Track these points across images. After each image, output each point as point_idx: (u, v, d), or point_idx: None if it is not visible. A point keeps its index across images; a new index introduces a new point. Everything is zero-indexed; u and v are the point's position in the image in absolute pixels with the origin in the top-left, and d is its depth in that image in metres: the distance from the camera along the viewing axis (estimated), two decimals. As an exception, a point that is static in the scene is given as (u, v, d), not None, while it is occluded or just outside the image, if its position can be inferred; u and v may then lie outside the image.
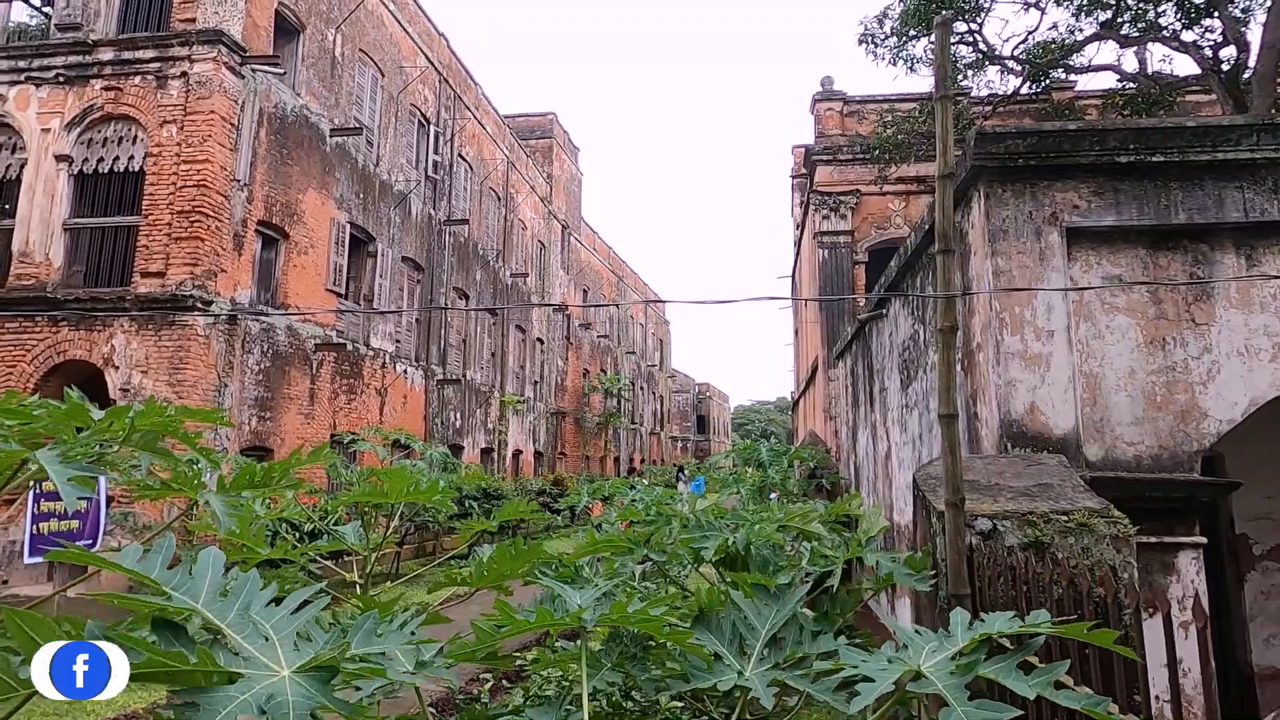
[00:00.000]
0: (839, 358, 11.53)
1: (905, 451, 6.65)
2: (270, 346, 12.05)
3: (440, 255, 18.78)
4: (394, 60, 16.55)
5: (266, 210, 12.15)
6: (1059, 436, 3.89)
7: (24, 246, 11.09)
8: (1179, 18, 10.43)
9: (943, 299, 2.87)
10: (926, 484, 3.26)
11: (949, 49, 3.10)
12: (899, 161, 12.52)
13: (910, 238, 5.92)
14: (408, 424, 16.10)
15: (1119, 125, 4.01)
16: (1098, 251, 4.04)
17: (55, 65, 11.40)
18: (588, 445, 32.48)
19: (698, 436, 62.44)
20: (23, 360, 10.61)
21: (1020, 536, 2.68)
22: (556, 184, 29.73)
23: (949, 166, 2.99)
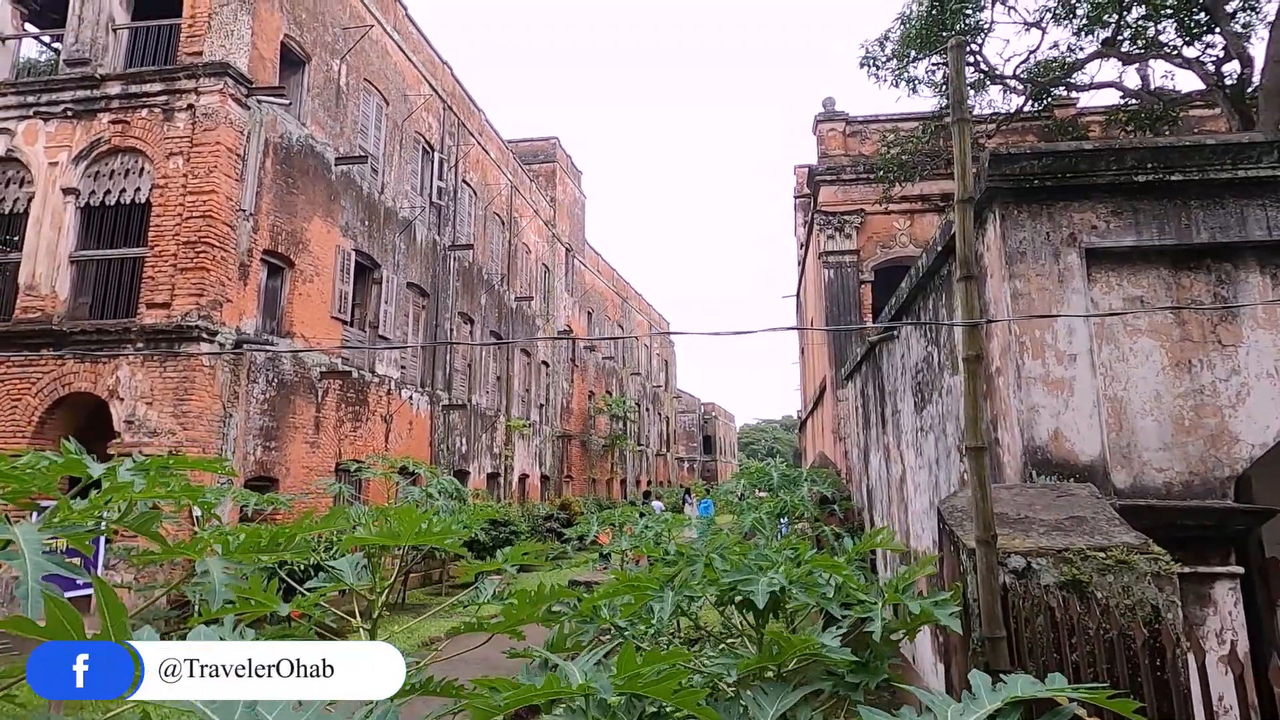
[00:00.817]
0: (848, 378, 11.42)
1: (921, 476, 6.51)
2: (275, 375, 12.01)
3: (445, 280, 18.81)
4: (398, 89, 16.71)
5: (272, 239, 12.17)
6: (1086, 463, 3.77)
7: (31, 279, 11.11)
8: (1180, 35, 10.44)
9: (967, 327, 2.78)
10: (953, 517, 3.14)
11: (964, 71, 3.04)
12: (903, 181, 12.51)
13: (921, 259, 5.84)
14: (414, 450, 16.00)
15: (1136, 144, 3.94)
16: (1118, 272, 3.95)
17: (64, 100, 11.52)
18: (594, 468, 32.28)
19: (704, 457, 62.08)
20: (28, 394, 10.57)
21: (1056, 575, 2.57)
22: (560, 207, 29.88)
23: (968, 190, 2.92)
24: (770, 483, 8.75)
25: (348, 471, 12.81)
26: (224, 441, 10.67)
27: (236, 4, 11.55)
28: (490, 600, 2.98)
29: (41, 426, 10.55)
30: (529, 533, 17.44)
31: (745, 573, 2.25)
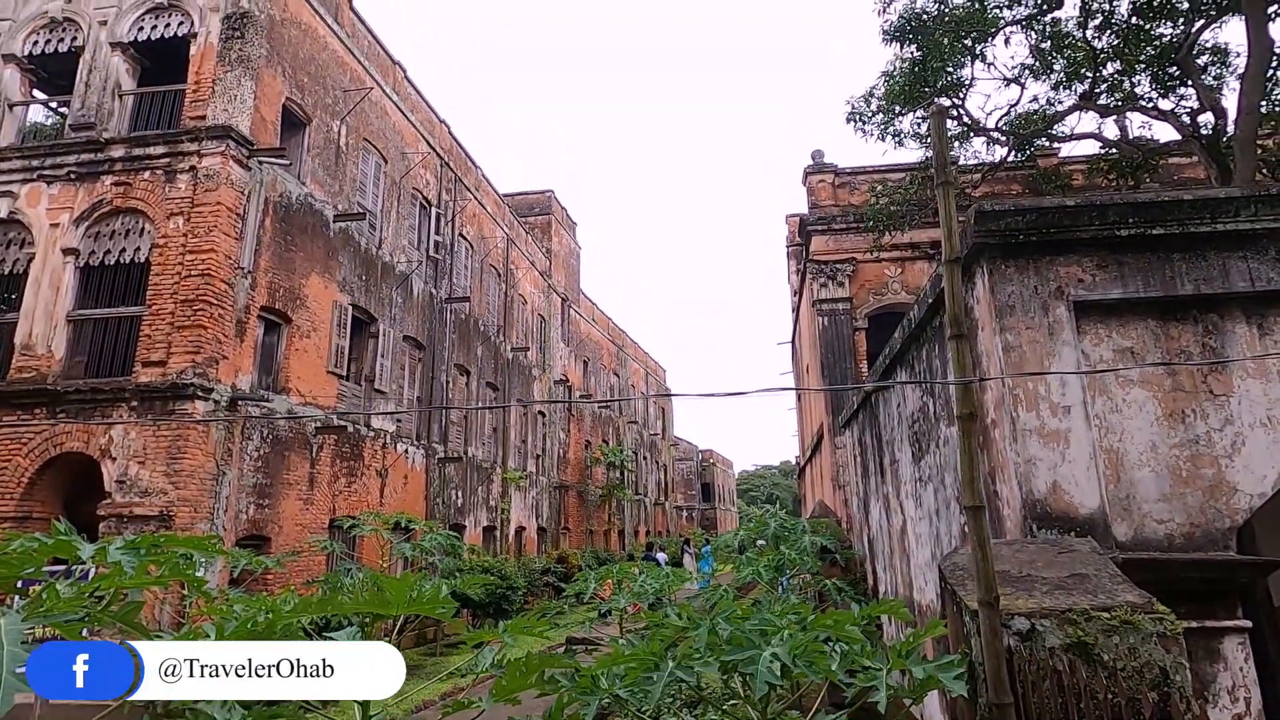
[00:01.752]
0: (845, 426, 11.40)
1: (922, 527, 6.45)
2: (270, 431, 11.94)
3: (441, 333, 18.89)
4: (397, 147, 17.10)
5: (270, 296, 12.26)
6: (1086, 516, 3.74)
7: (27, 340, 11.13)
8: (1154, 87, 10.82)
9: (960, 385, 2.80)
10: (954, 576, 3.10)
11: (946, 136, 3.14)
12: (893, 230, 12.75)
13: (913, 310, 5.91)
14: (409, 505, 15.79)
15: (1117, 200, 4.04)
16: (1107, 324, 4.00)
17: (68, 163, 11.74)
18: (591, 519, 31.85)
19: (703, 505, 61.35)
20: (18, 454, 10.47)
21: (1061, 637, 2.52)
22: (555, 258, 30.26)
23: (955, 251, 2.97)
24: (769, 532, 8.63)
25: (341, 529, 12.62)
26: (216, 500, 10.53)
27: (240, 70, 11.91)
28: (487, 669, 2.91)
29: (31, 488, 10.41)
30: (526, 589, 17.08)
31: (748, 647, 2.20)
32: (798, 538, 8.37)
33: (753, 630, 2.55)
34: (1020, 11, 10.43)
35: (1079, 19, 10.44)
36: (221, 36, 12.04)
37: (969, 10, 10.03)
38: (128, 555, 1.78)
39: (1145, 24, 10.22)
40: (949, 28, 10.10)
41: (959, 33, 10.24)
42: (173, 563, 1.97)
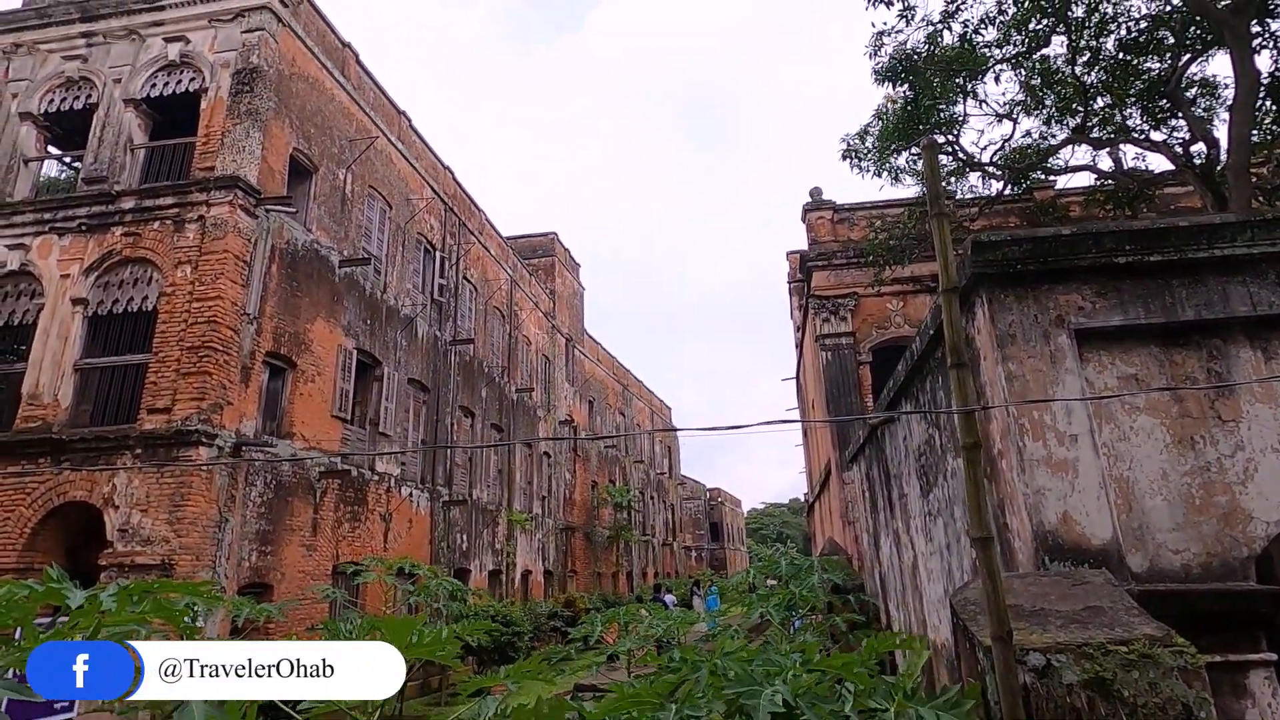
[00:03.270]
0: (852, 461, 11.29)
1: (933, 562, 6.32)
2: (273, 476, 11.88)
3: (446, 375, 18.93)
4: (401, 193, 17.41)
5: (275, 341, 12.35)
6: (1099, 547, 3.66)
7: (34, 389, 11.19)
8: (1145, 120, 10.98)
9: (962, 414, 2.77)
10: (966, 611, 3.02)
11: (939, 170, 3.18)
12: (893, 264, 12.83)
13: (915, 342, 5.90)
14: (413, 549, 15.61)
15: (1113, 228, 4.06)
16: (1110, 351, 3.98)
17: (79, 215, 11.98)
18: (599, 561, 31.39)
19: (712, 545, 60.46)
20: (21, 504, 10.43)
21: (1079, 672, 2.44)
22: (559, 299, 30.48)
23: (952, 280, 2.98)
24: (779, 571, 8.47)
25: (345, 575, 12.45)
26: (218, 548, 10.43)
27: (249, 122, 12.22)
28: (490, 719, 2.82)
29: (34, 538, 10.34)
30: (532, 633, 16.74)
31: (750, 682, 2.14)
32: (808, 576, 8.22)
33: (758, 670, 2.48)
34: (1009, 50, 10.67)
35: (1067, 56, 10.67)
36: (231, 91, 12.39)
37: (959, 50, 10.27)
38: (119, 602, 1.75)
39: (1133, 59, 10.43)
40: (940, 67, 10.33)
41: (950, 71, 10.47)
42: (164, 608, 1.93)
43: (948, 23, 10.34)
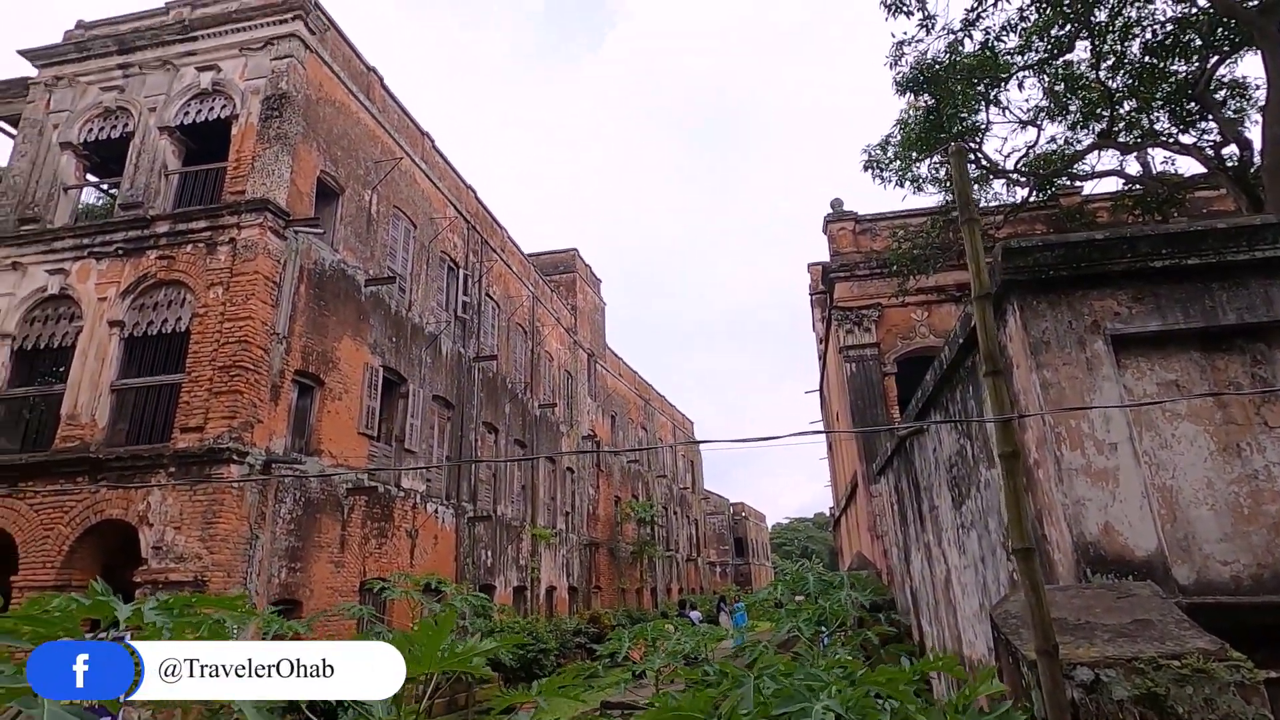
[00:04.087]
0: (880, 474, 11.13)
1: (968, 575, 6.19)
2: (302, 493, 12.02)
3: (470, 391, 19.07)
4: (425, 213, 17.67)
5: (304, 360, 12.54)
6: (1143, 558, 3.56)
7: (72, 409, 11.47)
8: (1174, 123, 10.80)
9: (999, 423, 2.72)
10: (1007, 625, 2.95)
11: (967, 175, 3.15)
12: (917, 274, 12.70)
13: (943, 351, 5.82)
14: (439, 566, 15.66)
15: (1147, 232, 3.99)
16: (1148, 358, 3.89)
17: (116, 240, 12.32)
18: (623, 577, 31.22)
19: (736, 560, 59.85)
20: (60, 522, 10.65)
21: (1129, 688, 2.36)
22: (581, 315, 30.62)
23: (985, 286, 2.94)
24: (806, 586, 8.36)
25: (372, 591, 12.52)
26: (249, 564, 10.55)
27: (278, 147, 12.51)
28: (521, 734, 2.80)
29: (71, 556, 10.55)
30: (558, 650, 16.66)
31: (796, 699, 2.10)
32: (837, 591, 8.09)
33: (799, 685, 2.44)
34: (1031, 57, 10.58)
35: (1091, 60, 10.55)
36: (261, 116, 12.71)
37: (980, 58, 10.21)
38: (162, 615, 1.78)
39: (1159, 62, 10.28)
40: (961, 75, 10.27)
41: (971, 79, 10.40)
42: (209, 625, 1.95)
43: (968, 31, 10.29)
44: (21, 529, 10.74)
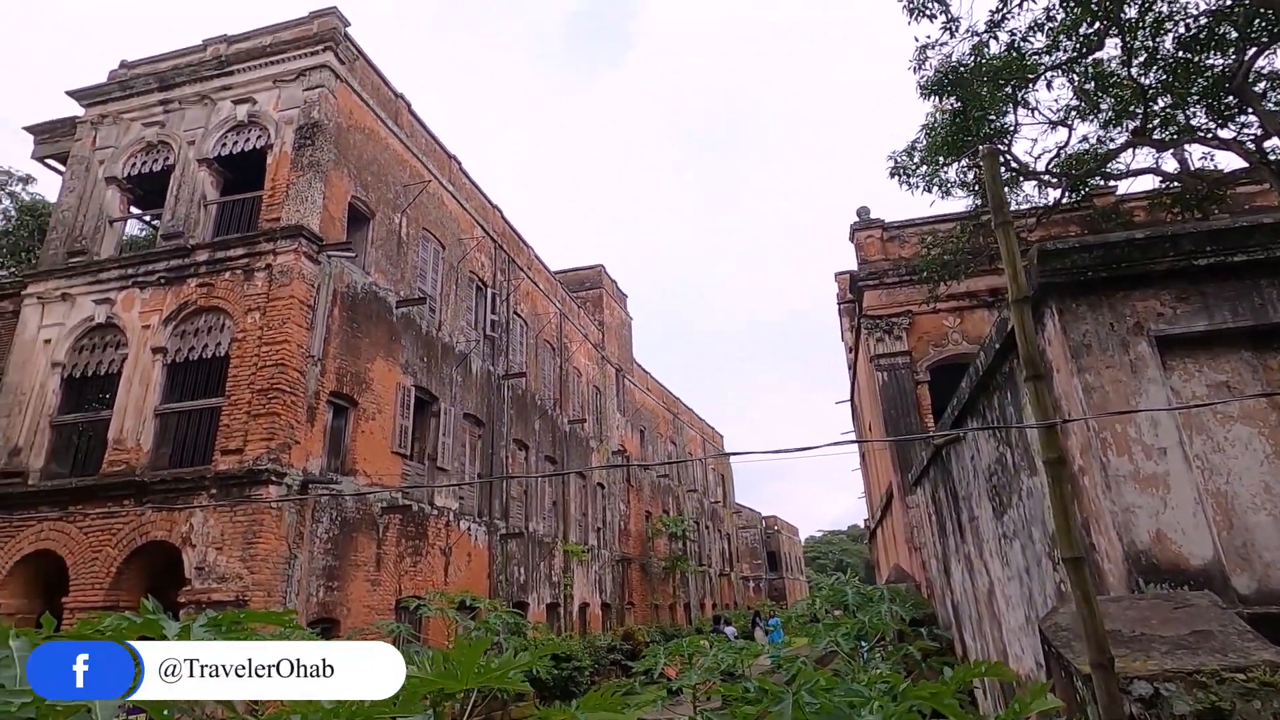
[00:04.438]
0: (916, 484, 10.92)
1: (1012, 588, 6.02)
2: (338, 513, 12.19)
3: (500, 409, 19.22)
4: (453, 234, 17.95)
5: (338, 381, 12.77)
6: (1199, 567, 3.42)
7: (118, 434, 11.82)
8: (1211, 118, 10.52)
9: (1043, 429, 2.65)
10: (1058, 638, 2.85)
11: (1000, 178, 3.10)
12: (948, 280, 12.50)
13: (979, 357, 5.70)
14: (472, 583, 15.72)
15: (1190, 230, 3.88)
16: (1196, 359, 3.77)
17: (158, 269, 12.73)
18: (656, 593, 30.99)
19: (770, 574, 59.07)
20: (108, 544, 10.95)
21: (1192, 703, 2.26)
22: (608, 330, 30.73)
23: (1022, 290, 2.88)
24: (845, 600, 8.19)
25: (408, 609, 12.60)
26: (288, 584, 10.71)
27: (311, 174, 12.84)
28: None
29: (119, 577, 10.82)
30: (592, 668, 16.56)
31: (838, 716, 2.05)
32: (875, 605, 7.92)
33: (840, 701, 2.38)
34: (1059, 56, 10.41)
35: (1122, 58, 10.34)
36: (294, 145, 13.07)
37: (1006, 59, 10.07)
38: (210, 632, 1.81)
39: (1193, 57, 10.04)
40: (987, 77, 10.14)
41: (998, 81, 10.27)
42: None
43: (994, 32, 10.17)
44: (72, 551, 11.06)
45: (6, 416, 12.53)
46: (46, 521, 11.37)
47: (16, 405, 12.55)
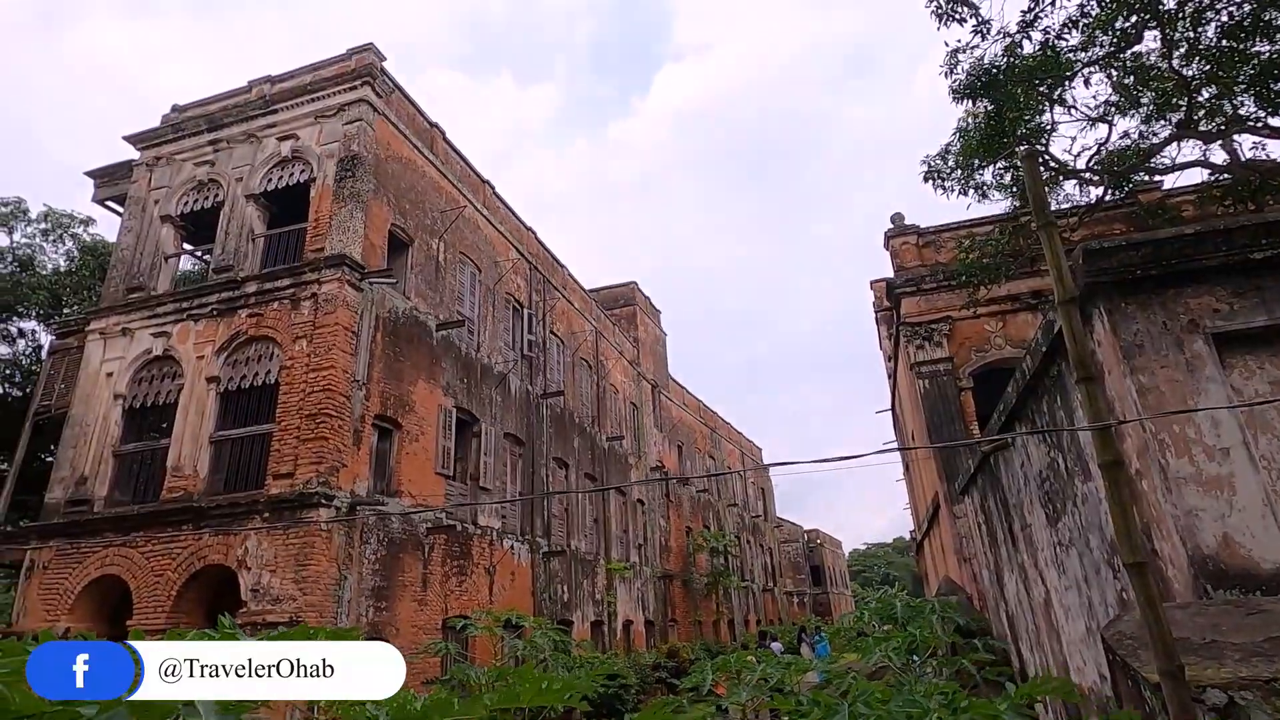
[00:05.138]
0: (963, 493, 10.67)
1: (1070, 598, 5.83)
2: (385, 535, 12.41)
3: (539, 428, 19.39)
4: (489, 257, 18.28)
5: (382, 404, 13.06)
6: (1270, 572, 3.29)
7: (176, 461, 12.26)
8: (1261, 106, 10.17)
9: (1097, 431, 2.60)
10: (1123, 646, 2.77)
11: (1040, 178, 3.07)
12: (988, 283, 12.26)
13: (1024, 361, 5.59)
14: (517, 601, 15.80)
15: (1244, 223, 3.78)
16: (1256, 355, 3.64)
17: (210, 302, 13.24)
18: (699, 609, 30.68)
19: (814, 589, 57.96)
20: (169, 569, 11.33)
21: (1270, 712, 2.18)
22: (643, 346, 30.82)
23: (1069, 291, 2.85)
24: (894, 613, 8.01)
25: (454, 629, 12.73)
26: (338, 605, 10.92)
27: (353, 205, 13.25)
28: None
29: (179, 600, 11.18)
30: (638, 686, 16.46)
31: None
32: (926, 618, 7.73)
33: (898, 713, 2.36)
34: (1096, 52, 10.21)
35: (1162, 50, 10.10)
36: (336, 177, 13.52)
37: (1041, 58, 9.91)
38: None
39: (1238, 45, 9.74)
40: (1021, 78, 9.99)
41: (1033, 81, 10.10)
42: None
43: (1026, 32, 10.02)
44: (135, 576, 11.47)
45: (74, 447, 13.11)
46: (111, 547, 11.82)
47: (82, 436, 13.13)
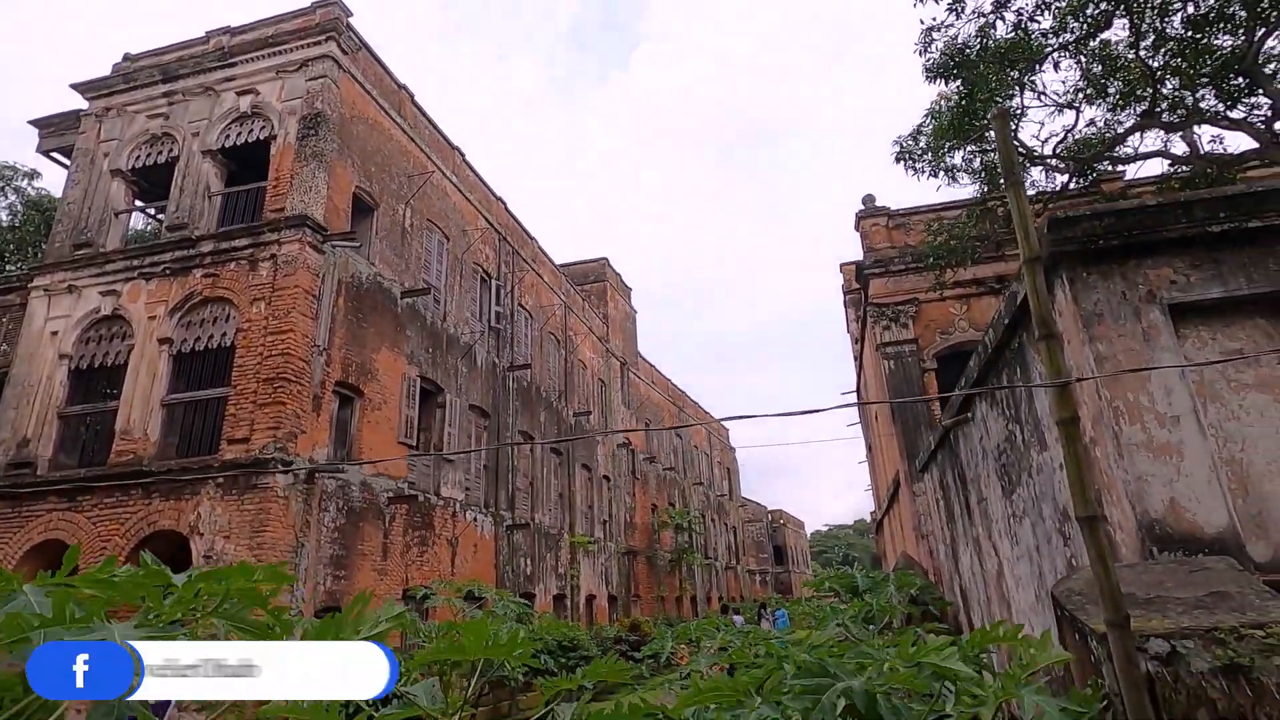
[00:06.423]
0: (924, 470, 10.87)
1: (1022, 567, 5.98)
2: (345, 502, 12.21)
3: (505, 401, 19.22)
4: (458, 225, 17.92)
5: (344, 371, 12.78)
6: (1214, 535, 3.38)
7: (125, 424, 11.85)
8: (1221, 99, 10.40)
9: (1055, 389, 2.62)
10: (1072, 601, 2.82)
11: (1010, 139, 3.06)
12: (954, 267, 12.43)
13: (987, 334, 5.66)
14: (479, 573, 15.75)
15: (1205, 195, 3.83)
16: (1210, 326, 3.72)
17: (164, 260, 12.74)
18: (662, 585, 31.02)
19: (776, 568, 59.08)
20: (117, 534, 10.99)
21: (1210, 659, 2.23)
22: (612, 323, 30.69)
23: (1034, 250, 2.84)
24: (854, 585, 8.18)
25: (415, 599, 12.63)
26: (295, 572, 10.73)
27: (315, 164, 12.82)
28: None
29: (126, 565, 10.85)
30: (599, 656, 16.59)
31: (830, 676, 2.02)
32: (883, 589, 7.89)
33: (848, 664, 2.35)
34: (1067, 37, 10.31)
35: (1129, 39, 10.24)
36: (298, 136, 13.05)
37: (1013, 40, 9.98)
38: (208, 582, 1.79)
39: (1202, 37, 9.93)
40: (994, 59, 10.06)
41: (1005, 63, 10.17)
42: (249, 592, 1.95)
43: (1000, 13, 10.07)
44: (80, 541, 11.10)
45: (15, 408, 12.59)
46: (55, 512, 11.42)
47: (24, 397, 12.60)
